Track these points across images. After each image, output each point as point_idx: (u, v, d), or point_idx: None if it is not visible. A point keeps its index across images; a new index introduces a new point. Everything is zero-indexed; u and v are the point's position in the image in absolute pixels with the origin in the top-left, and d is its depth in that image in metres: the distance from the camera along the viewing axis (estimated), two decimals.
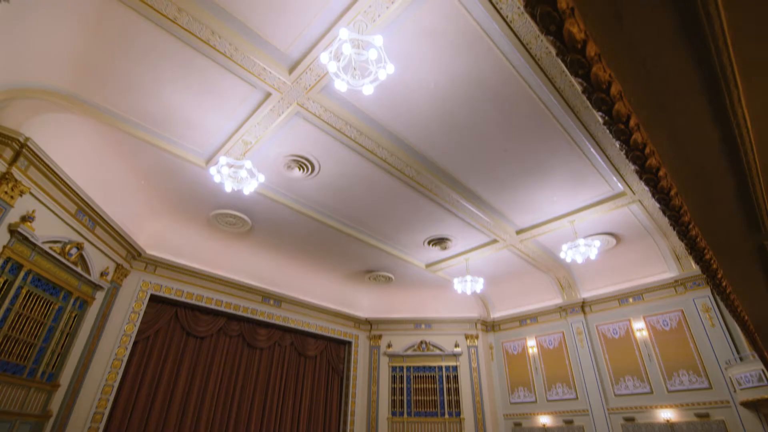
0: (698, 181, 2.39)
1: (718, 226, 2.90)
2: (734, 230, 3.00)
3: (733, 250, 3.28)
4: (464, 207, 11.36)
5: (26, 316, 8.07)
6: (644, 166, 1.81)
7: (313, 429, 14.77)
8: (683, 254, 13.08)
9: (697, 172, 2.34)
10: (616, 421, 13.24)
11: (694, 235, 2.47)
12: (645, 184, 2.03)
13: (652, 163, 1.82)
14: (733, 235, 3.09)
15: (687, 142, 2.10)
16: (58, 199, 8.65)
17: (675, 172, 2.17)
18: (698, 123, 1.98)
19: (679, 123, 1.95)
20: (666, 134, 1.92)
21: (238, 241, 13.29)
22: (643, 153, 1.76)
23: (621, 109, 1.55)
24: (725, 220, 2.85)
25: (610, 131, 1.69)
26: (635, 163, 1.82)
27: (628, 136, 1.65)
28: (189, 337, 12.74)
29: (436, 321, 17.32)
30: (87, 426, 9.67)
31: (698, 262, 2.94)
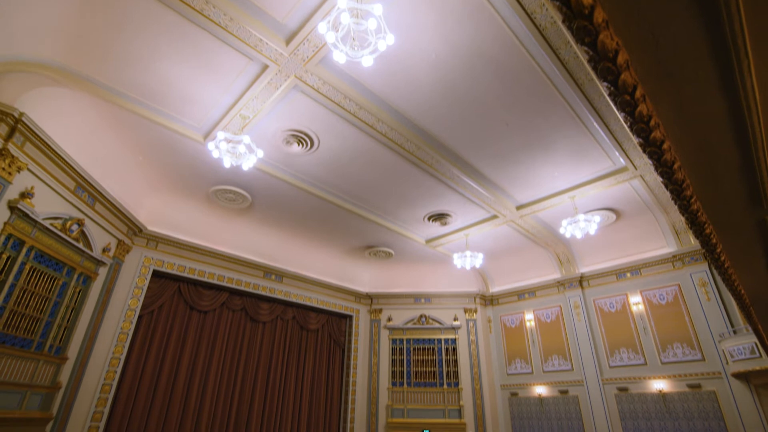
0: (702, 155, 2.35)
1: (719, 200, 2.89)
2: (735, 205, 2.99)
3: (734, 225, 3.28)
4: (464, 182, 11.31)
5: (31, 291, 8.17)
6: (648, 138, 1.78)
7: (316, 398, 15.24)
8: (682, 229, 13.12)
9: (702, 146, 2.30)
10: (609, 391, 13.64)
11: (695, 210, 2.46)
12: (648, 157, 2.00)
13: (657, 136, 1.79)
14: (734, 210, 3.08)
15: (693, 114, 2.05)
16: (56, 176, 8.60)
17: (679, 145, 2.13)
18: (705, 93, 1.93)
19: (686, 94, 1.90)
20: (672, 106, 1.88)
21: (239, 217, 13.31)
22: (648, 125, 1.72)
23: (627, 79, 1.50)
24: (727, 194, 2.83)
25: (615, 103, 1.65)
26: (639, 135, 1.78)
27: (633, 107, 1.61)
28: (193, 311, 12.95)
29: (436, 295, 17.58)
30: (96, 397, 9.96)
31: (698, 237, 2.94)
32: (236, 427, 12.77)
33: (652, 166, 8.43)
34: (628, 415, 13.02)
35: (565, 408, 14.42)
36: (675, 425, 12.07)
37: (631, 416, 12.94)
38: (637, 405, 12.94)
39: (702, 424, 11.65)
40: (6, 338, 7.69)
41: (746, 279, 4.50)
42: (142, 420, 11.00)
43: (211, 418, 12.27)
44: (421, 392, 15.97)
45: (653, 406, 12.63)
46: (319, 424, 14.93)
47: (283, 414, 14.06)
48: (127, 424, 10.69)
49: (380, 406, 15.83)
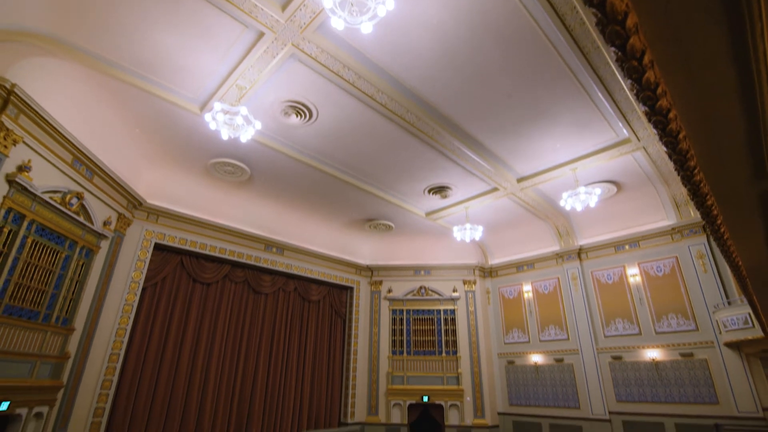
0: (708, 124, 2.30)
1: (722, 171, 2.85)
2: (739, 176, 2.95)
3: (735, 197, 3.25)
4: (465, 155, 11.20)
5: (34, 264, 8.25)
6: (655, 107, 1.73)
7: (318, 367, 15.69)
8: (683, 202, 13.10)
9: (708, 115, 2.25)
10: (603, 360, 14.02)
11: (698, 181, 2.43)
12: (653, 126, 1.96)
13: (663, 105, 1.74)
14: (737, 182, 3.05)
15: (700, 81, 1.99)
16: (52, 149, 8.51)
17: (685, 115, 2.08)
18: (715, 60, 1.87)
19: (695, 60, 1.84)
20: (679, 72, 1.82)
21: (238, 190, 13.27)
22: (654, 93, 1.67)
23: (636, 43, 1.44)
24: (731, 165, 2.79)
25: (622, 69, 1.59)
26: (646, 104, 1.73)
27: (641, 74, 1.56)
28: (196, 283, 13.14)
29: (435, 267, 17.78)
30: (104, 366, 10.25)
31: (699, 209, 2.92)
32: (241, 393, 13.22)
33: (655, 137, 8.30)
34: (620, 382, 13.44)
35: (560, 375, 14.86)
36: (666, 392, 12.47)
37: (624, 383, 13.36)
38: (630, 373, 13.33)
39: (693, 390, 12.03)
40: (13, 310, 7.83)
41: (744, 251, 4.52)
42: (150, 387, 11.36)
43: (216, 386, 12.68)
44: (421, 360, 16.43)
45: (646, 373, 13.01)
46: (321, 391, 15.45)
47: (286, 381, 14.52)
48: (136, 391, 11.05)
49: (381, 374, 16.32)
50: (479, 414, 15.38)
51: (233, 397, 13.02)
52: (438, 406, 15.67)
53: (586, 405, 13.90)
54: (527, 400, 15.48)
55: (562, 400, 14.55)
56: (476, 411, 15.43)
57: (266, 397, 13.80)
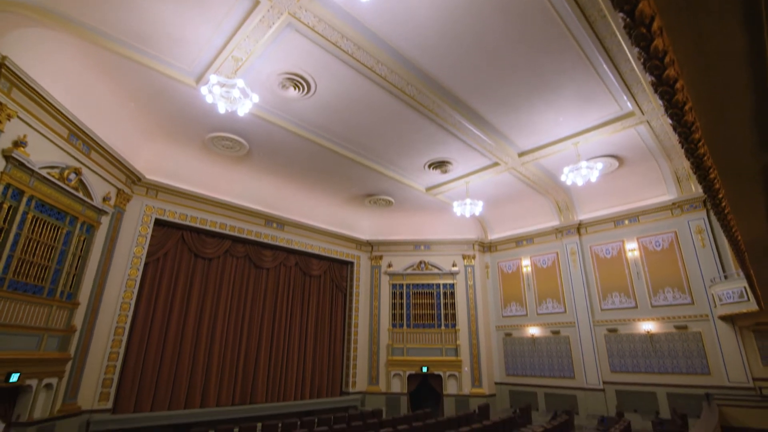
0: (715, 95, 2.25)
1: (727, 144, 2.81)
2: (743, 150, 2.91)
3: (738, 170, 3.22)
4: (466, 129, 11.05)
5: (36, 240, 8.29)
6: (662, 77, 1.68)
7: (320, 339, 16.04)
8: (684, 176, 13.04)
9: (715, 85, 2.19)
10: (599, 332, 14.31)
11: (702, 154, 2.40)
12: (660, 97, 1.91)
13: (671, 74, 1.69)
14: (741, 155, 3.01)
15: (710, 51, 1.93)
16: (48, 123, 8.39)
17: (692, 85, 2.03)
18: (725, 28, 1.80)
19: (705, 28, 1.77)
20: (688, 40, 1.76)
21: (237, 165, 13.18)
22: (662, 62, 1.62)
23: (645, 9, 1.39)
24: (736, 138, 2.75)
25: (630, 36, 1.53)
26: (653, 73, 1.68)
27: (649, 41, 1.50)
28: (197, 258, 13.25)
29: (435, 242, 17.89)
30: (110, 339, 10.47)
31: (701, 182, 2.90)
32: (245, 365, 13.57)
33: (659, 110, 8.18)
34: (615, 353, 13.77)
35: (557, 347, 15.21)
36: (659, 363, 12.80)
37: (618, 354, 13.69)
38: (625, 344, 13.63)
39: (685, 362, 12.34)
40: (18, 285, 7.92)
41: (744, 225, 4.52)
42: (156, 359, 11.65)
43: (221, 357, 13.00)
44: (420, 333, 16.78)
45: (640, 345, 13.31)
46: (323, 363, 15.85)
47: (289, 353, 14.87)
48: (142, 362, 11.33)
49: (381, 346, 16.70)
50: (477, 384, 15.84)
51: (237, 368, 13.37)
52: (437, 377, 16.12)
53: (580, 375, 14.28)
54: (524, 371, 15.91)
55: (558, 370, 14.95)
56: (474, 381, 15.88)
57: (270, 368, 14.17)
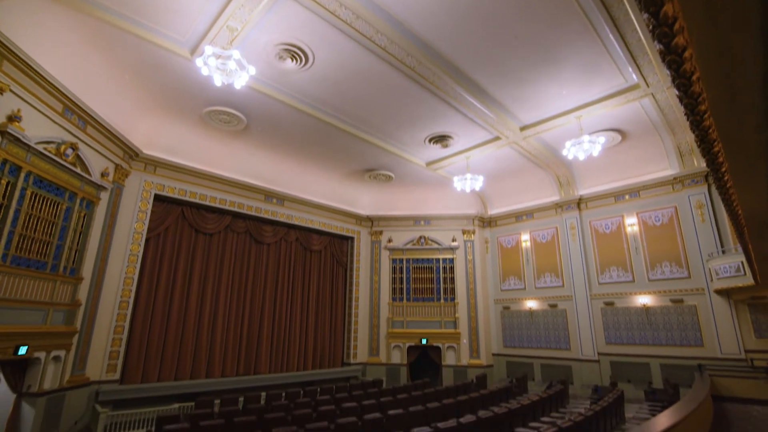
0: (723, 65, 2.18)
1: (733, 116, 2.75)
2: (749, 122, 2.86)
3: (743, 143, 3.17)
4: (468, 102, 10.86)
5: (36, 216, 8.29)
6: (670, 45, 1.62)
7: (322, 312, 16.33)
8: (687, 151, 12.92)
9: (724, 55, 2.12)
10: (596, 305, 14.54)
11: (708, 126, 2.35)
12: (667, 67, 1.85)
13: (679, 42, 1.63)
14: (746, 128, 2.95)
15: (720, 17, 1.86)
16: (41, 97, 8.23)
17: (700, 54, 1.96)
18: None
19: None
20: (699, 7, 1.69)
21: (235, 140, 13.03)
22: (671, 29, 1.56)
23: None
24: (742, 110, 2.69)
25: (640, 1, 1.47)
26: (661, 41, 1.62)
27: (659, 6, 1.44)
28: (198, 234, 13.30)
29: (435, 218, 17.92)
30: (115, 313, 10.65)
31: (705, 156, 2.86)
32: (249, 337, 13.86)
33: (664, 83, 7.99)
34: (611, 326, 14.04)
35: (553, 320, 15.50)
36: (654, 335, 13.06)
37: (614, 327, 13.96)
38: (621, 317, 13.88)
39: (680, 334, 12.59)
40: (21, 260, 7.98)
41: (745, 199, 4.50)
42: (161, 332, 11.89)
43: (225, 331, 13.26)
44: (420, 306, 17.06)
45: (636, 318, 13.54)
46: (325, 335, 16.19)
47: (291, 326, 15.17)
48: (147, 336, 11.57)
49: (381, 319, 17.01)
50: (475, 355, 16.22)
51: (241, 340, 13.66)
52: (436, 348, 16.49)
53: (576, 347, 14.61)
54: (521, 343, 16.27)
55: (554, 342, 15.29)
56: (472, 352, 16.26)
57: (272, 341, 14.49)
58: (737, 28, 1.90)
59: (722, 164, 3.00)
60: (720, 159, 2.86)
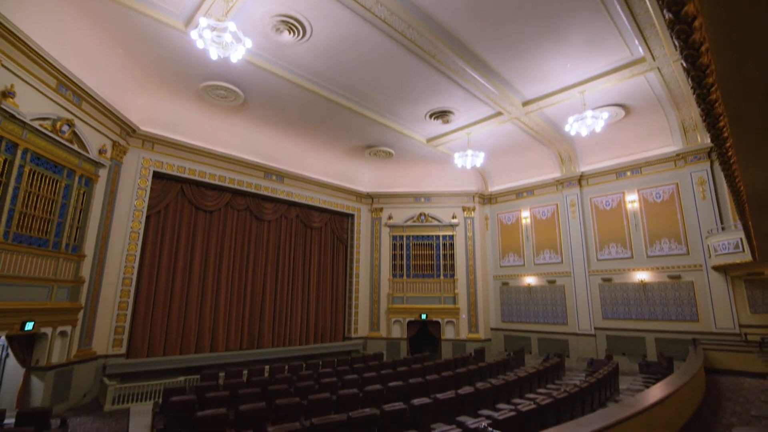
0: (732, 36, 2.11)
1: (740, 90, 2.69)
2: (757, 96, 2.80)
3: (749, 118, 3.12)
4: (469, 76, 10.63)
5: (36, 194, 8.27)
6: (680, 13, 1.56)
7: (323, 288, 16.54)
8: (691, 126, 12.75)
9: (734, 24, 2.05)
10: (594, 281, 14.69)
11: (714, 100, 2.30)
12: (675, 37, 1.79)
13: (690, 11, 1.57)
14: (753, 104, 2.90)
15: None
16: (34, 72, 8.06)
17: (710, 23, 1.90)
18: None
19: None
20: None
21: (233, 116, 12.85)
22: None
23: None
24: (751, 83, 2.63)
25: None
26: (671, 10, 1.56)
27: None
28: (198, 211, 13.31)
29: (435, 194, 17.89)
30: (119, 289, 10.78)
31: (710, 130, 2.81)
32: (251, 312, 14.08)
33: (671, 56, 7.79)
34: (608, 302, 14.23)
35: (552, 295, 15.70)
36: (650, 310, 13.25)
37: (611, 302, 14.15)
38: (618, 293, 14.05)
39: (675, 309, 12.77)
40: (22, 238, 8.01)
41: (748, 175, 4.46)
42: (165, 308, 12.07)
43: (228, 306, 13.46)
44: (420, 282, 17.25)
45: (633, 294, 13.71)
46: (326, 310, 16.44)
47: (293, 301, 15.39)
48: (151, 311, 11.75)
49: (382, 295, 17.23)
50: (473, 329, 16.53)
51: (244, 315, 13.89)
52: (435, 323, 16.79)
53: (573, 322, 14.86)
54: (519, 317, 16.54)
55: (552, 317, 15.54)
56: (471, 327, 16.56)
57: (275, 316, 14.73)
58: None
59: (727, 139, 2.96)
60: (725, 134, 2.81)
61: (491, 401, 7.57)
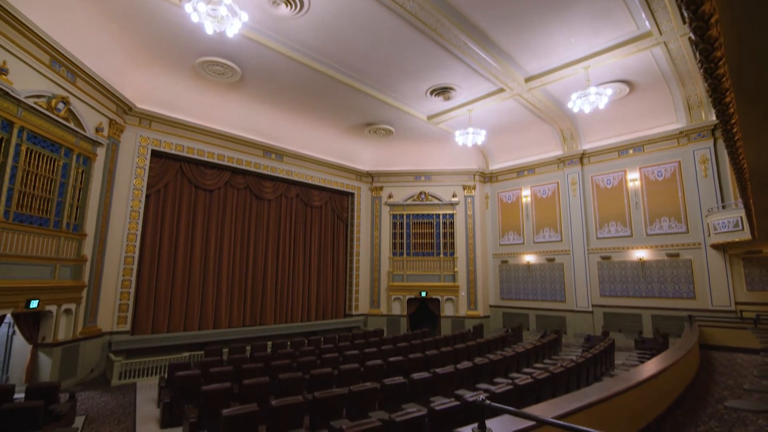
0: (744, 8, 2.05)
1: (748, 64, 2.63)
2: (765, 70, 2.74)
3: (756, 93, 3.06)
4: (472, 51, 10.39)
5: (34, 173, 8.22)
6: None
7: (324, 266, 16.67)
8: (696, 103, 12.56)
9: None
10: (593, 259, 14.79)
11: (722, 74, 2.25)
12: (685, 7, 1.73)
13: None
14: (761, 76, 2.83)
15: None
16: (27, 48, 7.88)
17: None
18: None
19: None
20: None
21: (231, 93, 12.65)
22: None
23: None
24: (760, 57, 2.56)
25: None
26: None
27: None
28: (198, 190, 13.28)
29: (436, 173, 17.81)
30: (121, 267, 10.86)
31: (716, 106, 2.76)
32: (254, 290, 14.25)
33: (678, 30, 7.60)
34: (606, 279, 14.37)
35: (550, 273, 15.84)
36: (647, 287, 13.39)
37: (609, 280, 14.29)
38: (617, 271, 14.17)
39: (673, 287, 12.90)
40: (23, 217, 8.02)
41: (752, 153, 4.42)
42: (168, 286, 12.20)
43: (230, 284, 13.60)
44: (420, 261, 17.39)
45: (631, 272, 13.83)
46: (327, 288, 16.63)
47: (294, 279, 15.54)
48: (155, 289, 11.88)
49: (382, 273, 17.40)
50: (472, 306, 16.76)
51: (246, 293, 14.05)
52: (435, 300, 17.01)
53: (571, 299, 15.05)
54: (517, 295, 16.75)
55: (550, 294, 15.73)
56: (470, 304, 16.78)
57: (277, 293, 14.91)
58: None
59: (732, 115, 2.91)
60: (731, 110, 2.76)
61: (489, 376, 7.75)
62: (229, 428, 4.55)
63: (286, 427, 4.90)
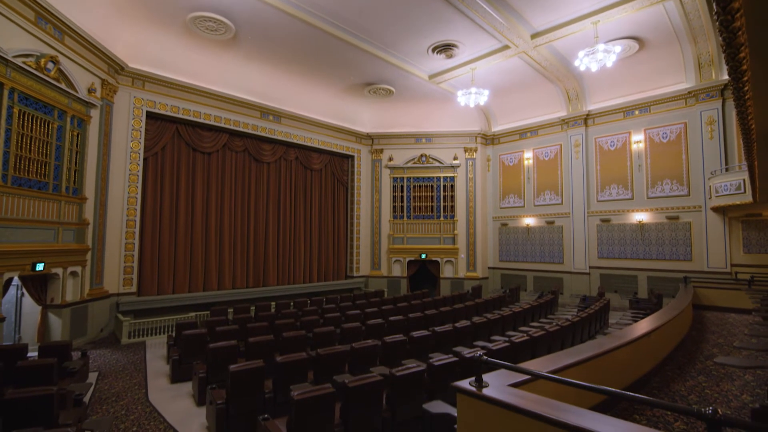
0: None
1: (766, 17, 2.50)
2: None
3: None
4: (476, 4, 9.92)
5: (29, 135, 8.10)
6: None
7: (324, 229, 16.80)
8: (707, 62, 12.12)
9: None
10: (592, 222, 14.86)
11: (738, 27, 2.14)
12: None
13: None
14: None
15: None
16: (9, 3, 7.53)
17: None
18: None
19: None
20: None
21: (225, 51, 12.21)
22: None
23: None
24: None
25: None
26: None
27: None
28: (196, 152, 13.13)
29: (437, 135, 17.53)
30: (123, 231, 10.95)
31: (729, 62, 2.66)
32: (255, 252, 14.44)
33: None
34: (605, 241, 14.51)
35: (549, 236, 15.97)
36: (645, 249, 13.54)
37: (608, 242, 14.43)
38: (615, 233, 14.27)
39: (670, 249, 13.04)
40: (21, 181, 7.98)
41: (761, 113, 4.32)
42: (170, 249, 12.35)
43: (232, 246, 13.77)
44: (420, 224, 17.49)
45: (630, 234, 13.93)
46: (328, 250, 16.84)
47: (295, 242, 15.71)
48: (158, 251, 12.05)
49: (382, 235, 17.55)
50: (471, 268, 17.04)
51: (248, 255, 14.26)
52: (434, 262, 17.27)
53: (569, 261, 15.27)
54: (516, 257, 16.98)
55: (548, 256, 15.94)
56: (469, 266, 17.05)
57: (278, 255, 15.12)
58: None
59: (745, 72, 2.81)
60: (744, 66, 2.66)
61: (487, 334, 8.00)
62: (237, 382, 4.75)
63: (291, 381, 5.11)
